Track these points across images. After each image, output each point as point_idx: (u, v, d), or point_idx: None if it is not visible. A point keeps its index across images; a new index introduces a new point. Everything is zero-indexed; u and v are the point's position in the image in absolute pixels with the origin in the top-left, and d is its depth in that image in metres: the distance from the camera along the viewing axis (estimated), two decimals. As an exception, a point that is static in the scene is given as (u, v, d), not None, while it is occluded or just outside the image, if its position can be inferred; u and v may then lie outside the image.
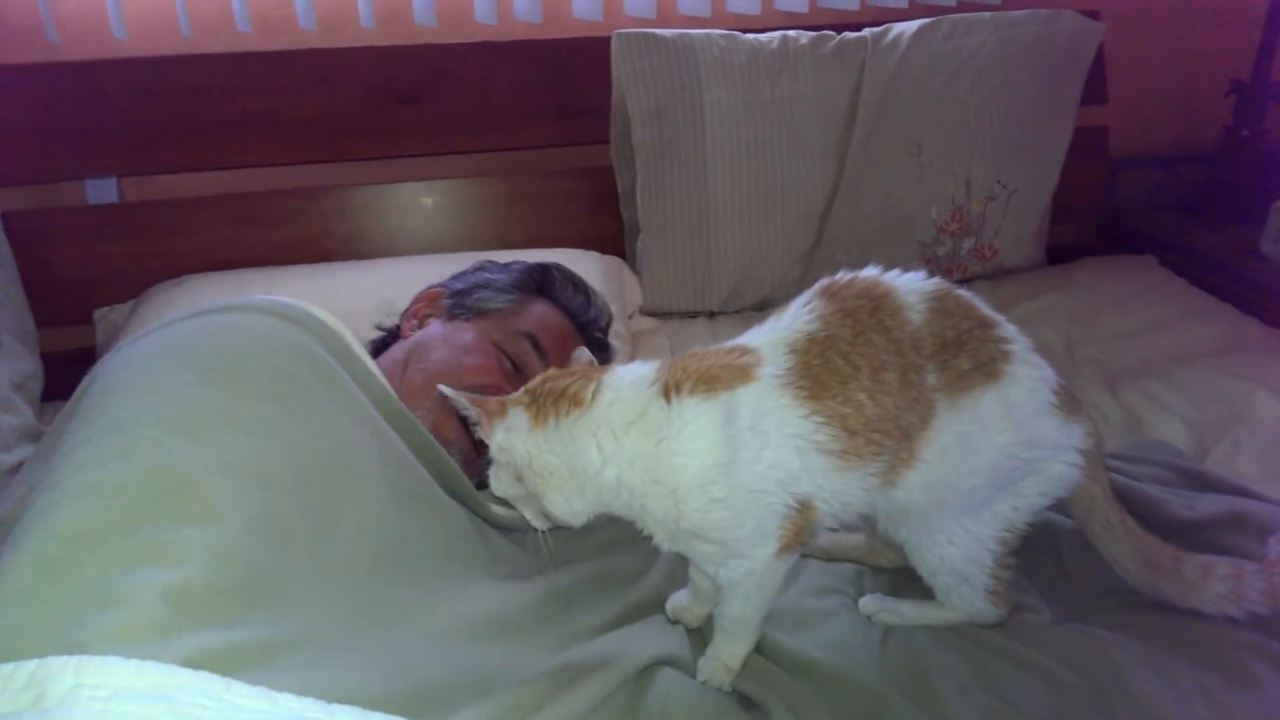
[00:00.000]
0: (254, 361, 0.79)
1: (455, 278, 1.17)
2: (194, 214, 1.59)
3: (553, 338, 1.10)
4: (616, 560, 0.93)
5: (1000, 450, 0.77)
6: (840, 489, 0.74)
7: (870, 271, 0.79)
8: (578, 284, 1.20)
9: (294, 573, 0.68)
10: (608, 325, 1.23)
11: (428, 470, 0.88)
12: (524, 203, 1.71)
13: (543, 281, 1.16)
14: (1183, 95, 2.07)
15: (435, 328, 1.08)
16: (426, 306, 1.10)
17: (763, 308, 1.64)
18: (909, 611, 0.87)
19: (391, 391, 0.91)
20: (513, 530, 0.94)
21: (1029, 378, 0.78)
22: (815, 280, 0.79)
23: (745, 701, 0.77)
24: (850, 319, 0.74)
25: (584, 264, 1.47)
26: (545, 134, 1.70)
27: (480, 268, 1.18)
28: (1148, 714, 0.75)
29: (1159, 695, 0.76)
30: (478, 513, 0.92)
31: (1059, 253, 1.86)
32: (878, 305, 0.75)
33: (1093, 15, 1.76)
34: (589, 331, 1.18)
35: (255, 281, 1.46)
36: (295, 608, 0.66)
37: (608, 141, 1.64)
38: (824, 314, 0.75)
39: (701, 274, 1.59)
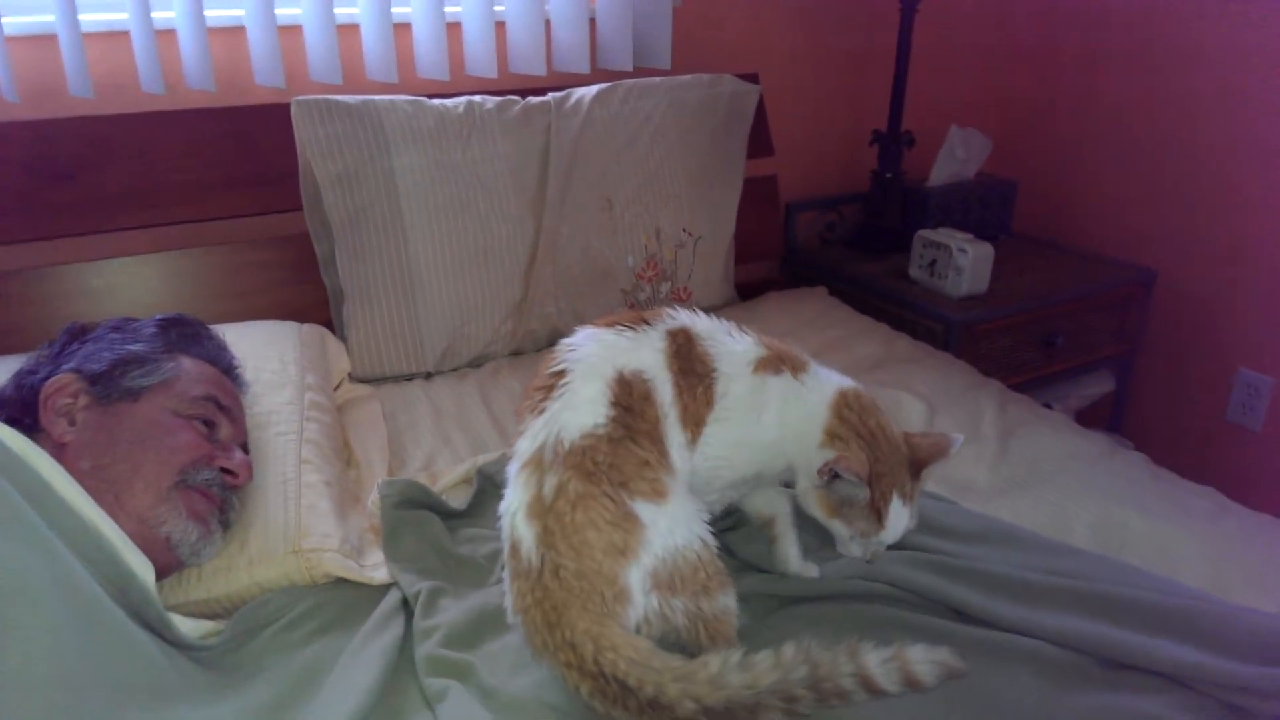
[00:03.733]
0: None
1: (67, 357, 1.06)
2: None
3: (221, 389, 1.09)
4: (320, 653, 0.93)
5: None
6: None
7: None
8: (201, 330, 1.19)
9: None
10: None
11: (109, 592, 0.83)
12: (216, 276, 1.63)
13: (180, 338, 1.13)
14: (839, 144, 2.37)
15: (95, 419, 1.00)
16: (65, 399, 1.01)
17: (480, 364, 1.67)
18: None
19: (76, 506, 0.86)
20: (199, 649, 0.91)
21: None
22: (528, 333, 0.88)
23: None
24: None
25: (281, 334, 1.42)
26: (233, 204, 1.63)
27: (86, 339, 1.09)
28: None
29: None
30: (163, 635, 0.88)
31: (749, 289, 2.05)
32: None
33: (752, 78, 1.98)
34: (233, 374, 1.18)
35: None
36: None
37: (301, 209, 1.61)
38: None
39: (411, 336, 1.59)
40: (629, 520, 0.84)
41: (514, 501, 0.88)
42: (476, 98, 1.66)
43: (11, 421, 0.97)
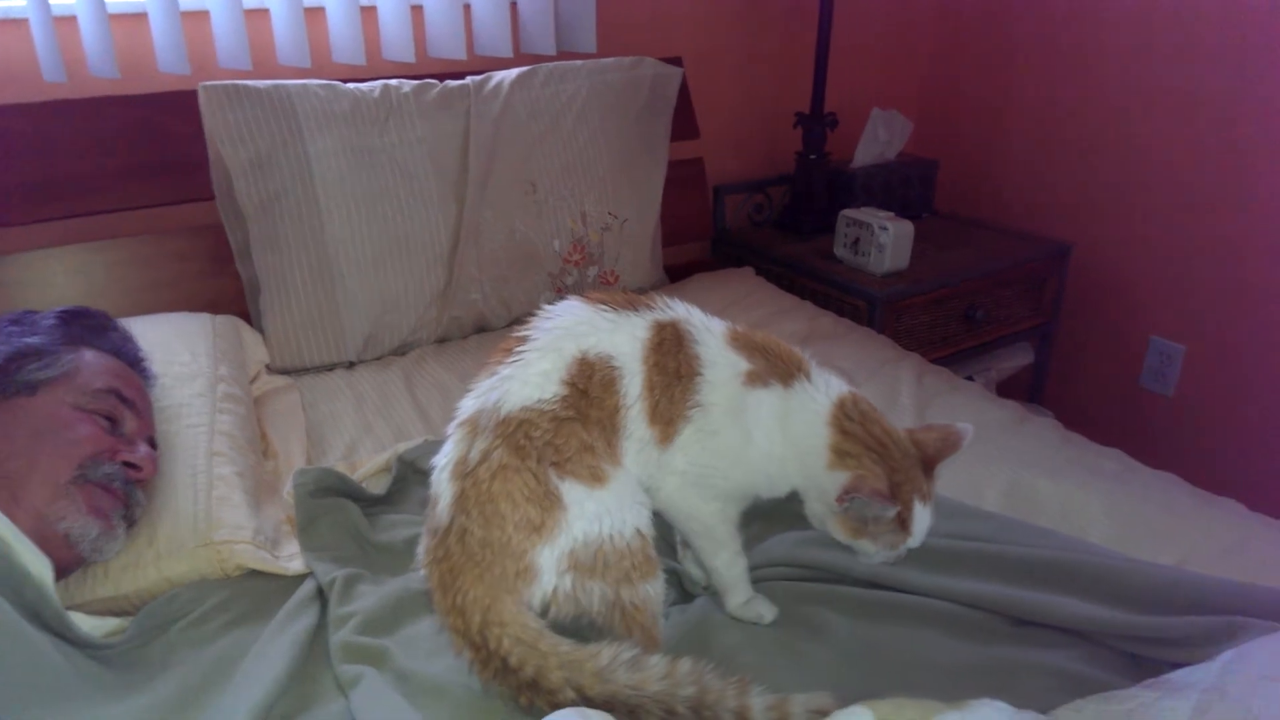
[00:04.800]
0: None
1: None
2: None
3: (125, 382, 1.07)
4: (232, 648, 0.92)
5: None
6: None
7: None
8: (105, 322, 1.16)
9: None
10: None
11: (2, 592, 0.81)
12: (127, 269, 1.58)
13: (83, 331, 1.10)
14: (764, 127, 2.39)
15: None
16: None
17: (404, 352, 1.65)
18: None
19: None
20: (102, 648, 0.89)
21: None
22: (453, 320, 0.85)
23: None
24: None
25: (193, 326, 1.39)
26: (144, 194, 1.59)
27: None
28: None
29: None
30: (63, 635, 0.86)
31: (680, 271, 2.06)
32: None
33: (675, 61, 1.98)
34: (139, 367, 1.15)
35: None
36: None
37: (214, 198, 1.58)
38: None
39: (331, 325, 1.56)
40: (550, 499, 0.83)
41: (443, 457, 0.88)
42: (393, 81, 1.64)
43: None
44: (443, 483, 0.87)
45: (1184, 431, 2.22)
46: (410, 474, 1.23)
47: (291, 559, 1.05)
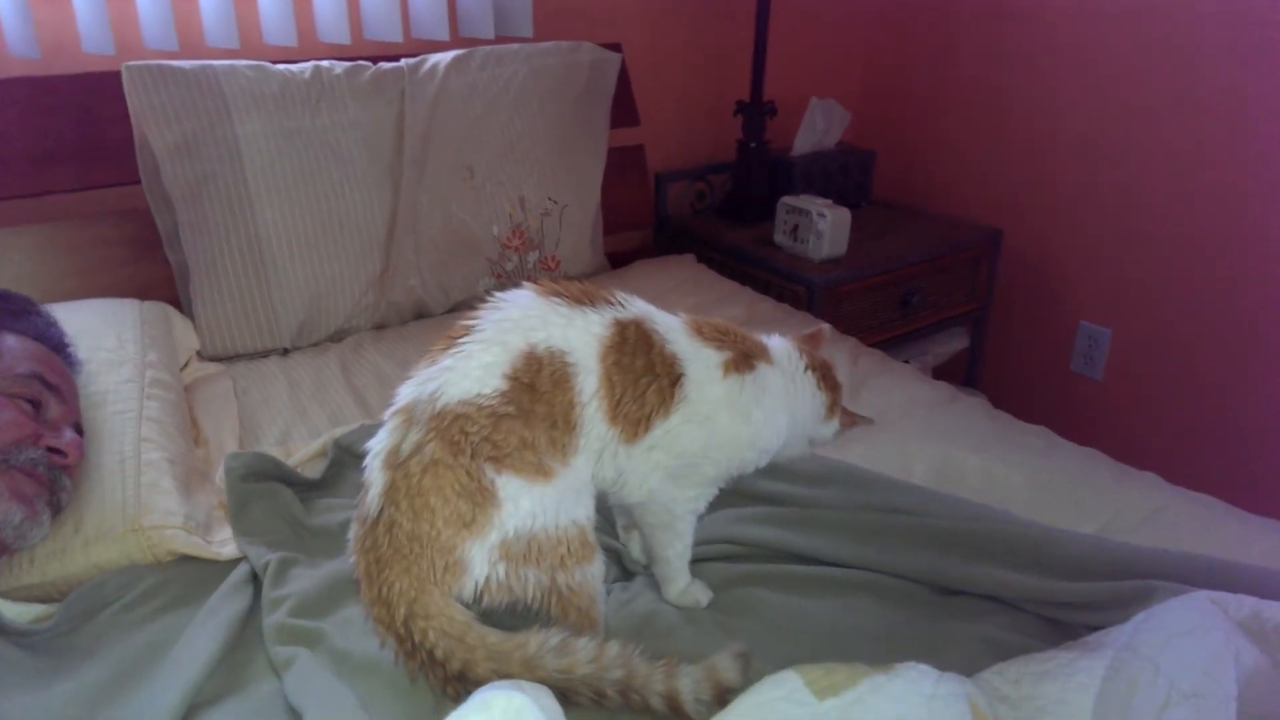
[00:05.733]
0: None
1: None
2: None
3: (48, 367, 1.04)
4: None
5: None
6: None
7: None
8: (28, 307, 1.13)
9: None
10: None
11: None
12: (53, 255, 1.53)
13: (5, 315, 1.07)
14: (705, 115, 2.40)
15: None
16: None
17: (340, 338, 1.63)
18: None
19: None
20: (28, 634, 0.88)
21: None
22: (390, 306, 0.82)
23: None
24: None
25: (120, 311, 1.36)
26: (68, 178, 1.54)
27: None
28: None
29: None
30: None
31: (622, 258, 2.06)
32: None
33: (614, 47, 1.99)
34: (64, 352, 1.12)
35: None
36: None
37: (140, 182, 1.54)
38: None
39: (264, 311, 1.54)
40: (483, 495, 0.82)
41: (377, 445, 0.86)
42: (325, 63, 1.62)
43: None
44: (374, 470, 0.85)
45: (1112, 414, 2.29)
46: (346, 459, 1.22)
47: (224, 544, 1.03)
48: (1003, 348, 2.49)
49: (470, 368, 0.84)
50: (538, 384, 0.84)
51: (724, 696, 0.77)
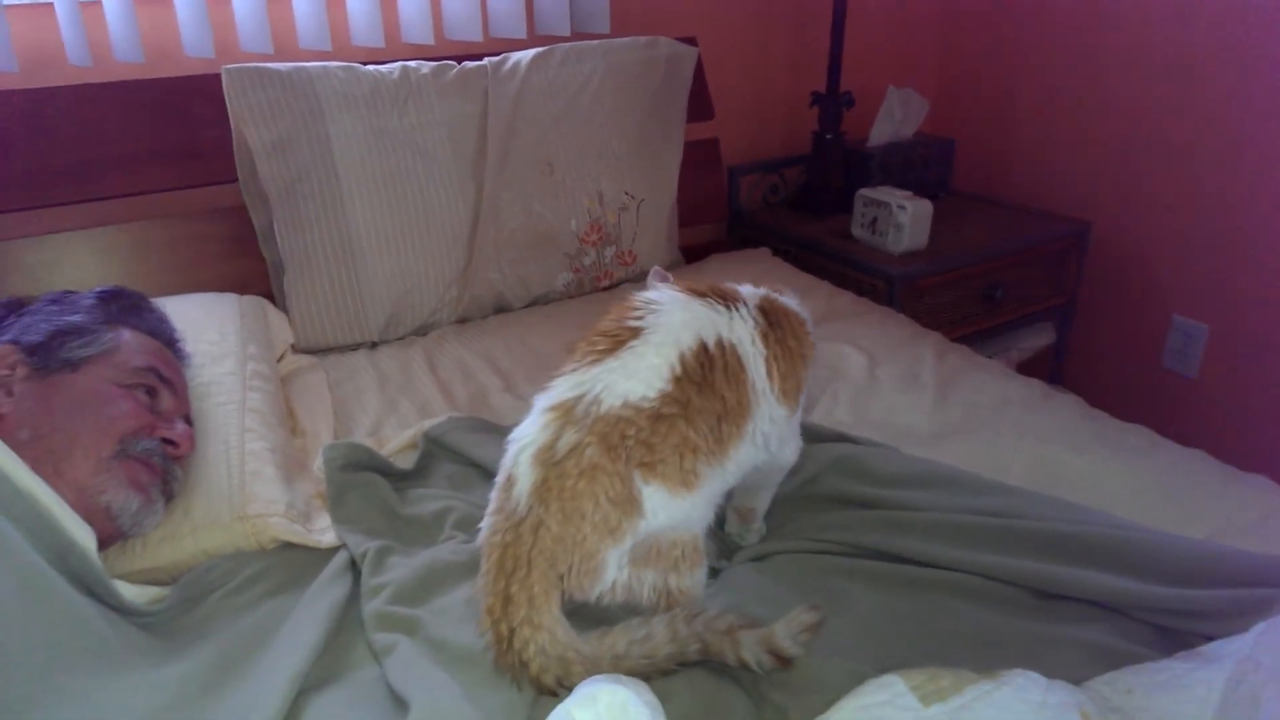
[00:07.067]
0: None
1: (4, 330, 1.06)
2: None
3: (162, 361, 1.09)
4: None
5: None
6: None
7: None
8: (141, 303, 1.18)
9: None
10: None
11: (48, 559, 0.83)
12: (154, 251, 1.60)
13: (121, 311, 1.12)
14: (780, 107, 2.38)
15: (33, 390, 0.98)
16: (3, 370, 0.99)
17: (425, 332, 1.66)
18: None
19: (12, 475, 0.86)
20: (144, 615, 0.91)
21: None
22: (472, 300, 0.84)
23: None
24: None
25: (221, 306, 1.41)
26: (169, 177, 1.60)
27: (23, 312, 1.08)
28: None
29: None
30: (106, 601, 0.88)
31: (696, 252, 2.06)
32: None
33: (690, 41, 1.98)
34: (175, 347, 1.17)
35: None
36: None
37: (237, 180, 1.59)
38: None
39: (353, 306, 1.58)
40: (630, 504, 0.82)
41: (526, 437, 0.85)
42: (412, 63, 1.64)
43: None
44: (523, 464, 0.84)
45: (1209, 413, 2.20)
46: (436, 450, 1.24)
47: (323, 532, 1.06)
48: (1090, 343, 2.42)
49: (639, 369, 0.84)
50: (709, 379, 0.86)
51: (784, 665, 0.79)
